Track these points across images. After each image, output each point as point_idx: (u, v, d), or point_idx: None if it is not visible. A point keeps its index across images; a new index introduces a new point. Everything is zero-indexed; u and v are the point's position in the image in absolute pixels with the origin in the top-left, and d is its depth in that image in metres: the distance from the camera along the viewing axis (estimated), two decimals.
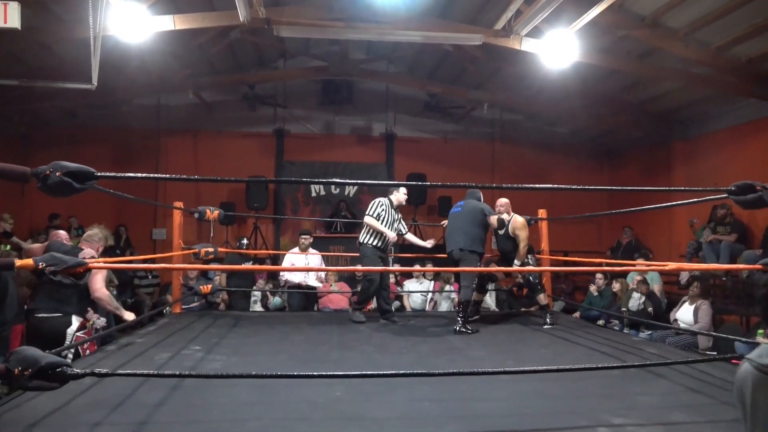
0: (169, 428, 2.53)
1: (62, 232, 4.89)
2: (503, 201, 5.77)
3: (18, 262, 2.54)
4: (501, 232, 5.77)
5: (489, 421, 2.58)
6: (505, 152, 11.69)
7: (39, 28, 6.55)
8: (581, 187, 3.67)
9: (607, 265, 7.40)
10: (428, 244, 6.08)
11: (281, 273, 7.84)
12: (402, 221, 5.97)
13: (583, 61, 7.16)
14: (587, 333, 5.23)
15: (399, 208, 5.92)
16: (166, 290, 8.55)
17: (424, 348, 4.43)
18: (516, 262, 5.57)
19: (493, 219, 5.54)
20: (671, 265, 4.72)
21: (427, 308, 8.10)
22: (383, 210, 5.73)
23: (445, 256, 7.27)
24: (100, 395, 2.90)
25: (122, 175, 2.76)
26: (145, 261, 7.97)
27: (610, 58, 7.61)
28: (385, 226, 5.69)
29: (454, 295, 7.81)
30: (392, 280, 8.50)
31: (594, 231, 11.58)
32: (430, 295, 8.23)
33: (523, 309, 7.46)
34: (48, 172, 2.48)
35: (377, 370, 3.20)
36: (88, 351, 4.14)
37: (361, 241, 5.81)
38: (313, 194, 11.51)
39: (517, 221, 5.64)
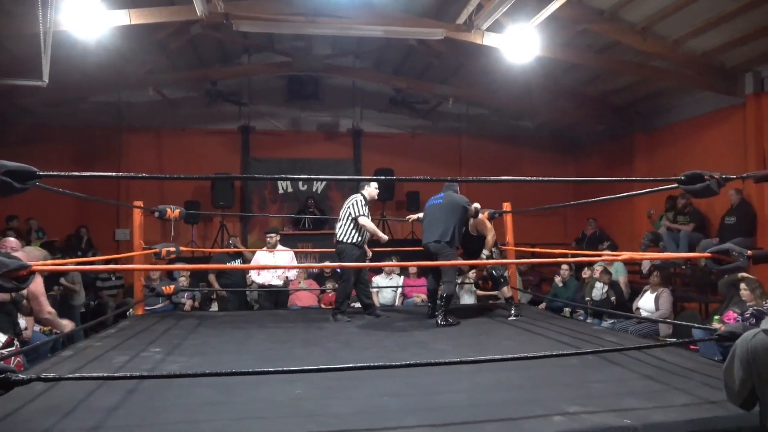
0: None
1: (12, 240, 4.56)
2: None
3: None
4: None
5: (448, 413, 2.59)
6: (472, 146, 11.78)
7: None
8: (544, 178, 3.76)
9: (572, 256, 7.53)
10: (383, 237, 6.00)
11: (249, 274, 7.70)
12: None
13: (545, 55, 7.26)
14: (551, 324, 5.31)
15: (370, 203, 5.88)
16: (130, 292, 8.36)
17: (389, 343, 4.43)
18: (485, 251, 5.62)
19: (472, 209, 5.53)
20: (624, 255, 4.83)
21: (396, 303, 8.11)
22: (367, 208, 5.67)
23: (412, 249, 7.30)
24: (52, 401, 2.81)
25: (68, 174, 2.67)
26: (107, 262, 7.77)
27: (571, 52, 7.72)
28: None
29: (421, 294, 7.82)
30: None
31: (559, 223, 11.76)
32: (399, 290, 8.24)
33: (491, 301, 7.53)
34: None
35: (340, 366, 3.18)
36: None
37: (340, 238, 5.69)
38: (281, 191, 11.41)
39: (477, 220, 5.70)
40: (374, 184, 5.84)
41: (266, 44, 10.19)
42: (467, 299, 8.16)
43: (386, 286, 8.17)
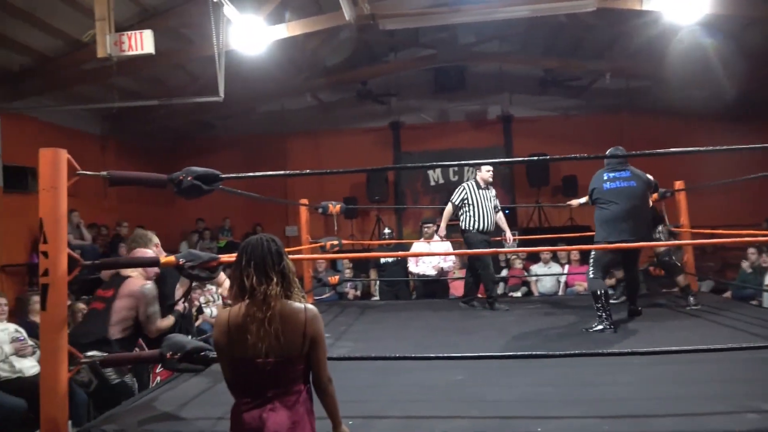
0: None
1: None
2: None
3: (163, 259, 2.87)
4: None
5: (615, 406, 2.45)
6: (634, 123, 10.86)
7: (173, 51, 7.26)
8: (728, 147, 3.19)
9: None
10: (509, 239, 5.80)
11: (408, 263, 7.82)
12: (495, 199, 5.82)
13: (716, 12, 6.43)
14: (737, 313, 4.74)
15: (490, 185, 5.78)
16: (300, 283, 9.05)
17: (549, 332, 4.29)
18: (661, 229, 5.19)
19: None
20: None
21: (560, 292, 7.80)
22: (466, 194, 5.64)
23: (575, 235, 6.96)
24: None
25: (244, 175, 2.98)
26: None
27: (749, 5, 6.75)
28: (475, 208, 5.57)
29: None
30: (520, 265, 8.26)
31: (746, 202, 10.36)
32: (564, 278, 7.91)
33: (664, 290, 6.92)
34: (181, 177, 2.77)
35: (500, 353, 3.16)
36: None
37: (462, 228, 5.71)
38: (432, 183, 11.57)
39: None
40: (485, 167, 5.70)
41: (411, 39, 10.37)
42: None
43: (544, 275, 7.89)
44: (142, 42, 4.91)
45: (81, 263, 2.60)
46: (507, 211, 10.68)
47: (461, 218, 5.72)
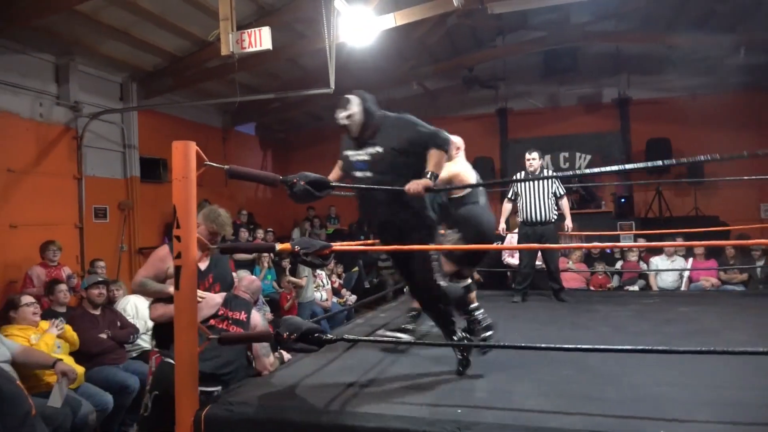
0: (403, 393, 2.76)
1: None
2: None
3: (279, 246, 3.02)
4: None
5: (745, 411, 2.24)
6: None
7: (287, 47, 7.58)
8: None
9: None
10: (567, 227, 5.83)
11: (503, 255, 7.65)
12: (555, 183, 5.69)
13: None
14: None
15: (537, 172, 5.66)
16: None
17: (669, 329, 4.02)
18: None
19: None
20: None
21: (682, 287, 7.25)
22: (515, 186, 5.78)
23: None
24: (350, 361, 3.30)
25: (349, 185, 3.04)
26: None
27: None
28: (522, 198, 5.63)
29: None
30: (635, 257, 7.78)
31: None
32: (687, 273, 7.34)
33: None
34: (294, 180, 2.89)
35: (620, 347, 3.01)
36: None
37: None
38: None
39: None
40: (526, 155, 5.67)
41: (519, 23, 10.04)
42: None
43: (666, 269, 7.34)
44: (261, 39, 5.17)
45: (208, 247, 2.83)
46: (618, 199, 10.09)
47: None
